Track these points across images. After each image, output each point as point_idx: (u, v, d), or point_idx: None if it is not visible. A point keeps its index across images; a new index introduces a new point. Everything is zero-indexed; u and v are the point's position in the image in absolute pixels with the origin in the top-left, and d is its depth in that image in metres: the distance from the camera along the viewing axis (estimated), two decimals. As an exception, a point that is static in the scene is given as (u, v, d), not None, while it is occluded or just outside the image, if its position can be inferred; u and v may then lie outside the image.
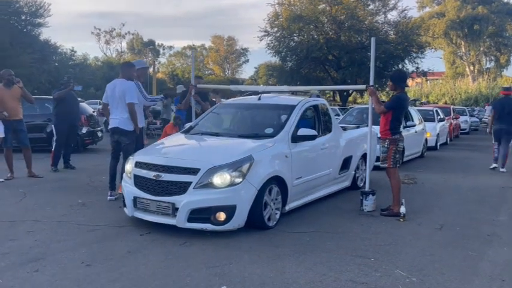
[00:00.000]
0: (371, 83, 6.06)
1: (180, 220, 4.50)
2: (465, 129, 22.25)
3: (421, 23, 30.28)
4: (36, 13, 32.58)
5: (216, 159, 4.69)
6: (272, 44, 28.78)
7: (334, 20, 27.68)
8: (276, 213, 5.08)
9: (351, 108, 16.98)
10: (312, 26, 28.16)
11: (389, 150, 5.78)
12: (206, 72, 61.12)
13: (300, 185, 5.51)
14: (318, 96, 6.90)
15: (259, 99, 6.29)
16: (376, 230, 5.05)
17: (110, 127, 6.32)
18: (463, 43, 50.24)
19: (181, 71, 56.87)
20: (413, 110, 11.99)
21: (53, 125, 8.87)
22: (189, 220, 4.50)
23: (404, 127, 10.01)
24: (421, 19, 32.98)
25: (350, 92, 31.37)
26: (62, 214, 5.44)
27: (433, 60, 72.34)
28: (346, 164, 6.77)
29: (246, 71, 63.12)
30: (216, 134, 5.80)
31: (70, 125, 8.77)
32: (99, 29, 58.70)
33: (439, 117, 15.15)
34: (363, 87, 6.33)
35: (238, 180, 4.56)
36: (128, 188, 5.00)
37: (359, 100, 38.52)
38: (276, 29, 28.58)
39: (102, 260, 3.93)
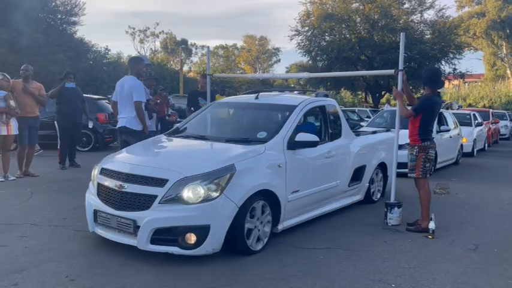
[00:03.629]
0: (400, 67, 5.33)
1: (141, 241, 3.77)
2: (505, 134, 21.04)
3: (460, 22, 28.98)
4: (71, 12, 33.30)
5: (189, 168, 3.93)
6: (303, 44, 28.24)
7: (367, 19, 26.83)
8: (265, 234, 4.29)
9: (382, 110, 16.23)
10: (343, 25, 27.43)
11: (418, 158, 5.19)
12: (237, 72, 60.96)
13: (298, 200, 4.72)
14: (326, 95, 6.05)
15: (256, 98, 5.50)
16: (400, 249, 4.48)
17: (118, 126, 6.01)
18: (504, 44, 47.96)
19: (213, 71, 56.89)
20: (448, 114, 11.22)
21: (55, 122, 8.69)
22: (153, 241, 3.77)
23: (437, 132, 9.32)
24: (460, 19, 31.60)
25: (383, 93, 30.41)
26: (62, 218, 5.15)
27: (472, 61, 69.58)
28: (358, 174, 5.94)
29: (277, 71, 62.45)
30: (202, 138, 4.95)
31: (72, 122, 8.57)
32: (134, 28, 59.49)
33: (476, 121, 14.24)
34: (391, 71, 5.61)
35: (214, 194, 3.80)
36: (90, 198, 4.35)
37: (393, 102, 37.35)
38: (307, 28, 28.01)
39: (89, 273, 3.57)
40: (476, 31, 42.98)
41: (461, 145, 11.62)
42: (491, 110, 20.24)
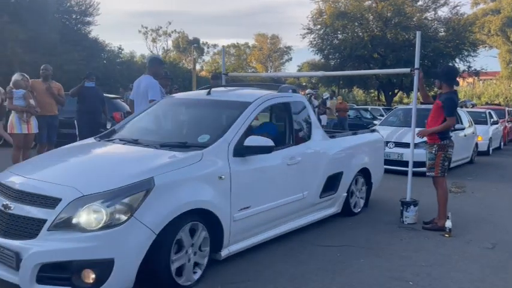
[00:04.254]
0: (416, 65, 5.28)
1: (24, 279, 2.90)
2: (521, 133, 20.72)
3: (475, 19, 28.68)
4: (85, 12, 33.82)
5: (90, 184, 3.08)
6: (315, 42, 28.22)
7: (380, 17, 26.69)
8: (203, 255, 3.49)
9: (395, 108, 16.12)
10: (356, 23, 27.33)
11: (437, 157, 5.18)
12: (249, 71, 61.08)
13: (249, 219, 3.85)
14: (294, 90, 5.08)
15: (208, 93, 4.68)
16: (417, 247, 4.50)
17: None
18: (520, 41, 47.29)
19: (225, 70, 56.91)
20: (462, 112, 11.13)
21: (75, 121, 8.84)
22: (40, 280, 2.90)
23: (452, 130, 9.25)
24: (475, 16, 31.26)
25: (396, 91, 30.23)
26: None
27: (487, 59, 68.30)
28: (332, 183, 5.07)
29: (289, 70, 62.38)
30: (135, 142, 3.97)
31: (91, 121, 8.68)
32: (146, 28, 59.96)
33: (492, 119, 14.08)
34: (407, 70, 5.61)
35: (122, 218, 2.95)
36: None
37: (405, 100, 37.10)
38: (319, 26, 27.99)
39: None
40: (491, 28, 42.56)
41: (476, 144, 11.52)
42: (507, 108, 19.97)
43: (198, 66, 57.44)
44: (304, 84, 37.67)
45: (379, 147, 6.25)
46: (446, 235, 4.87)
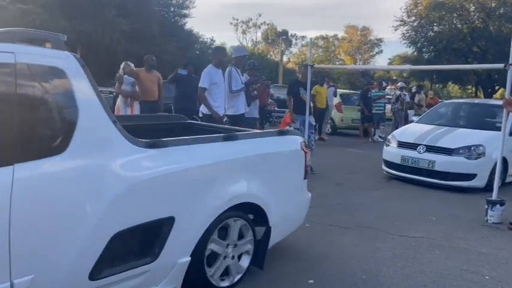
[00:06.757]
0: (511, 60, 5.08)
1: None
2: None
3: None
4: (183, 5, 35.82)
5: None
6: (408, 34, 27.19)
7: (483, 7, 24.90)
8: None
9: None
10: (455, 14, 25.82)
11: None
12: (336, 63, 60.21)
13: None
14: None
15: None
16: (498, 245, 4.40)
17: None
18: None
19: (312, 61, 56.64)
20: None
21: (171, 106, 9.62)
22: None
23: (511, 134, 6.85)
24: None
25: (496, 88, 28.04)
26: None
27: None
28: (140, 243, 2.62)
29: (379, 63, 60.28)
30: None
31: (185, 109, 9.33)
32: (237, 20, 61.67)
33: None
34: (500, 66, 5.35)
35: None
36: None
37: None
38: (413, 18, 26.89)
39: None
40: None
41: None
42: None
43: (285, 58, 57.81)
44: (394, 78, 36.31)
45: (292, 162, 3.57)
46: (534, 237, 4.68)
